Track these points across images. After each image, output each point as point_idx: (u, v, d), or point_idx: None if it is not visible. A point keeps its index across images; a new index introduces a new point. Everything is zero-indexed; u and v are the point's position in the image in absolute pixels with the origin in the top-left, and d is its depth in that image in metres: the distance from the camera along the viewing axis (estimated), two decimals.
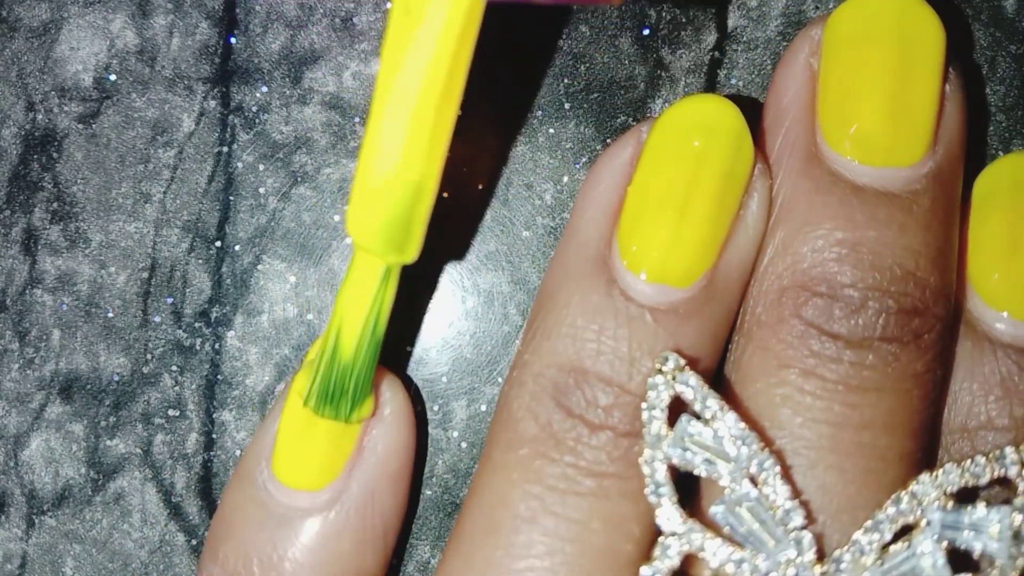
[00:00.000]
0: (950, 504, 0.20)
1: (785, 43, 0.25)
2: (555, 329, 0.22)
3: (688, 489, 0.22)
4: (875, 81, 0.22)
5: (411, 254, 0.21)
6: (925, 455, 0.22)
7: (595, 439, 0.21)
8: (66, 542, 0.26)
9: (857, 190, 0.22)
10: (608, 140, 0.25)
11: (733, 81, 0.25)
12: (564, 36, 0.25)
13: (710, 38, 0.25)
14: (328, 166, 0.26)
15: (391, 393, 0.23)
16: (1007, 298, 0.22)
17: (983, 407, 0.22)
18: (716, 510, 0.20)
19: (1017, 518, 0.20)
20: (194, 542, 0.26)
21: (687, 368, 0.21)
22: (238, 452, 0.26)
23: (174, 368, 0.26)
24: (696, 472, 0.21)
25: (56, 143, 0.26)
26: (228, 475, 0.26)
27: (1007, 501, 0.21)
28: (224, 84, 0.26)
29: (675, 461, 0.21)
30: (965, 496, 0.21)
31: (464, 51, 0.19)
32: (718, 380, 0.23)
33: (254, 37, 0.26)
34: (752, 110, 0.25)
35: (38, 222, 0.26)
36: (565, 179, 0.25)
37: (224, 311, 0.26)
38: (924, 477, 0.21)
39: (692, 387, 0.21)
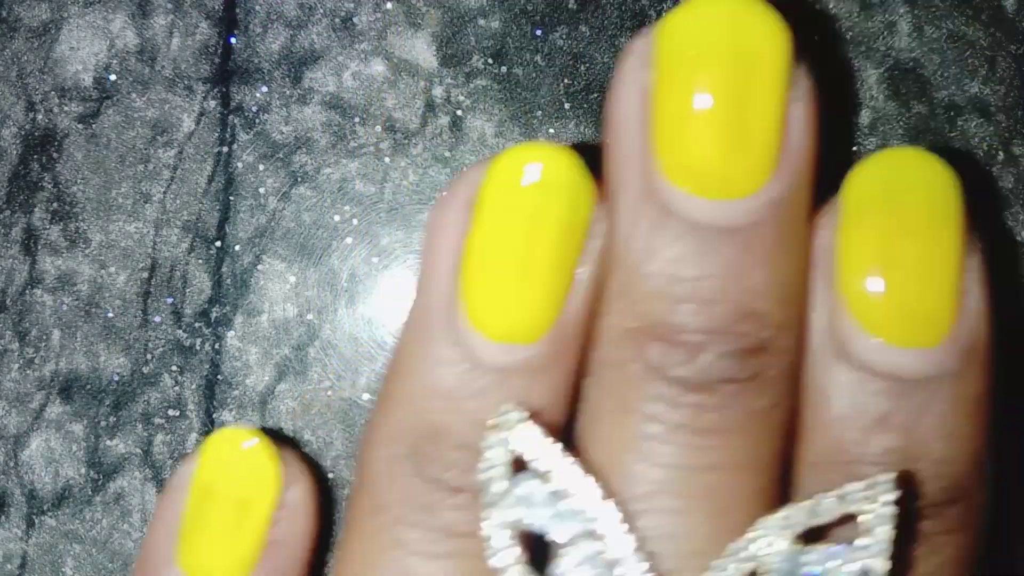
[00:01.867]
0: (795, 546, 0.20)
1: None
2: (406, 396, 0.22)
3: None
4: (708, 103, 0.20)
5: None
6: (779, 488, 0.21)
7: (453, 501, 0.21)
8: (66, 542, 0.26)
9: (693, 227, 0.20)
10: None
11: None
12: (564, 36, 0.25)
13: None
14: (328, 166, 0.26)
15: (294, 477, 0.23)
16: (880, 322, 0.21)
17: (856, 439, 0.21)
18: (556, 570, 0.20)
19: (857, 560, 0.20)
20: None
21: (528, 422, 0.20)
22: None
23: (174, 368, 0.26)
24: (536, 531, 0.20)
25: (56, 143, 0.26)
26: None
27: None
28: (224, 84, 0.26)
29: (511, 522, 0.20)
30: (814, 535, 0.20)
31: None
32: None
33: (254, 37, 0.26)
34: None
35: (38, 222, 0.26)
36: None
37: (224, 311, 0.26)
38: (767, 520, 0.20)
39: (531, 441, 0.20)
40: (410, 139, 0.25)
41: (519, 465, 0.20)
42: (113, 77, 0.26)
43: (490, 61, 0.25)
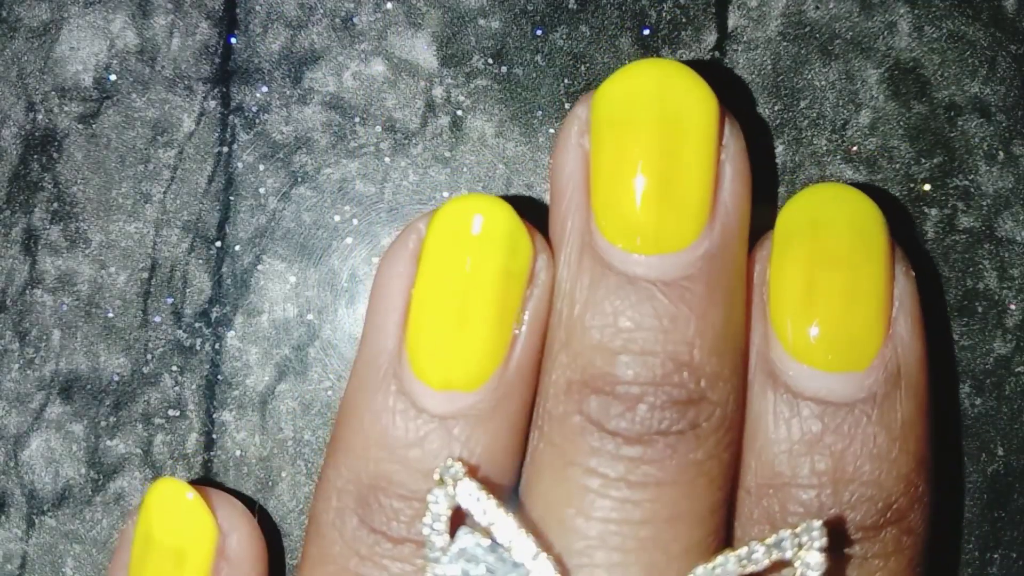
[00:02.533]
0: None
1: (785, 43, 0.25)
2: (352, 446, 0.22)
3: None
4: (638, 167, 0.21)
5: None
6: (719, 539, 0.22)
7: (398, 551, 0.22)
8: (66, 542, 0.26)
9: (630, 281, 0.21)
10: None
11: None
12: (564, 36, 0.25)
13: (710, 38, 0.25)
14: (328, 166, 0.26)
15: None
16: (808, 349, 0.21)
17: (787, 462, 0.22)
18: None
19: None
20: None
21: (466, 477, 0.21)
22: (238, 452, 0.26)
23: (174, 368, 0.26)
24: None
25: (56, 143, 0.26)
26: (228, 475, 0.26)
27: None
28: (224, 84, 0.26)
29: (454, 575, 0.21)
30: None
31: None
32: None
33: (254, 37, 0.26)
34: (752, 110, 0.25)
35: (38, 222, 0.26)
36: None
37: (224, 311, 0.26)
38: (699, 570, 0.21)
39: (471, 496, 0.21)
40: (410, 139, 0.25)
41: (460, 518, 0.21)
42: (113, 77, 0.26)
43: (490, 61, 0.25)
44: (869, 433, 0.21)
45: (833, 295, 0.22)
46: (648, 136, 0.21)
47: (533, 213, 0.24)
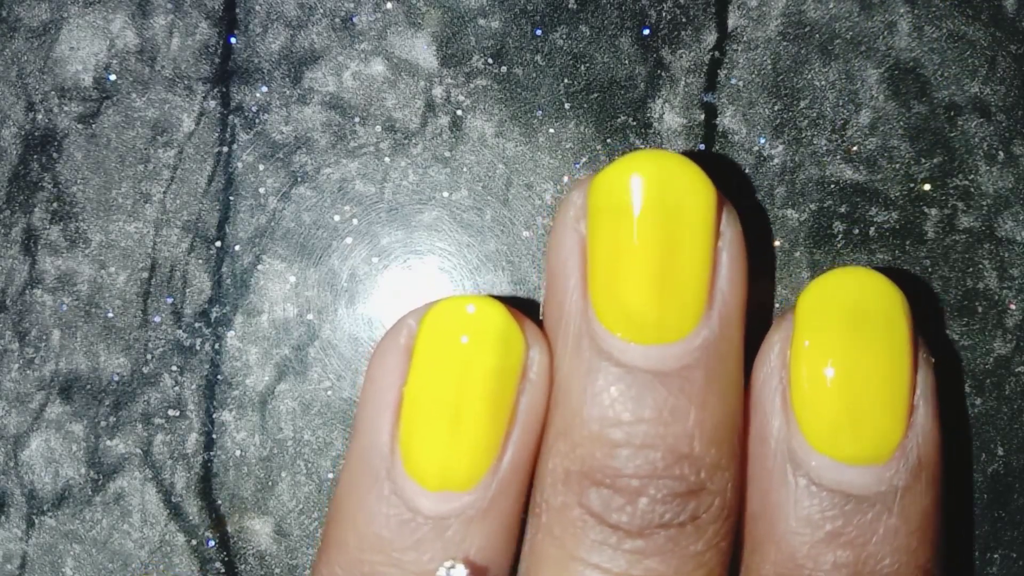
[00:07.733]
0: None
1: (785, 43, 0.25)
2: (346, 544, 0.22)
3: None
4: (639, 257, 0.21)
5: None
6: None
7: None
8: (66, 542, 0.26)
9: (628, 372, 0.21)
10: (608, 140, 0.25)
11: (733, 81, 0.25)
12: (564, 36, 0.25)
13: (710, 38, 0.25)
14: (328, 166, 0.26)
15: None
16: (832, 442, 0.21)
17: (808, 553, 0.21)
18: None
19: None
20: (194, 542, 0.26)
21: None
22: (238, 452, 0.26)
23: (174, 368, 0.26)
24: None
25: (56, 143, 0.26)
26: (228, 475, 0.26)
27: None
28: (224, 84, 0.26)
29: None
30: None
31: None
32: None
33: (254, 37, 0.26)
34: (751, 109, 0.25)
35: (38, 222, 0.26)
36: (565, 179, 0.25)
37: (224, 311, 0.26)
38: None
39: None
40: (410, 139, 0.25)
41: None
42: (113, 77, 0.26)
43: (490, 61, 0.25)
44: (890, 525, 0.21)
45: (858, 387, 0.21)
46: (649, 226, 0.21)
47: (525, 303, 0.24)
